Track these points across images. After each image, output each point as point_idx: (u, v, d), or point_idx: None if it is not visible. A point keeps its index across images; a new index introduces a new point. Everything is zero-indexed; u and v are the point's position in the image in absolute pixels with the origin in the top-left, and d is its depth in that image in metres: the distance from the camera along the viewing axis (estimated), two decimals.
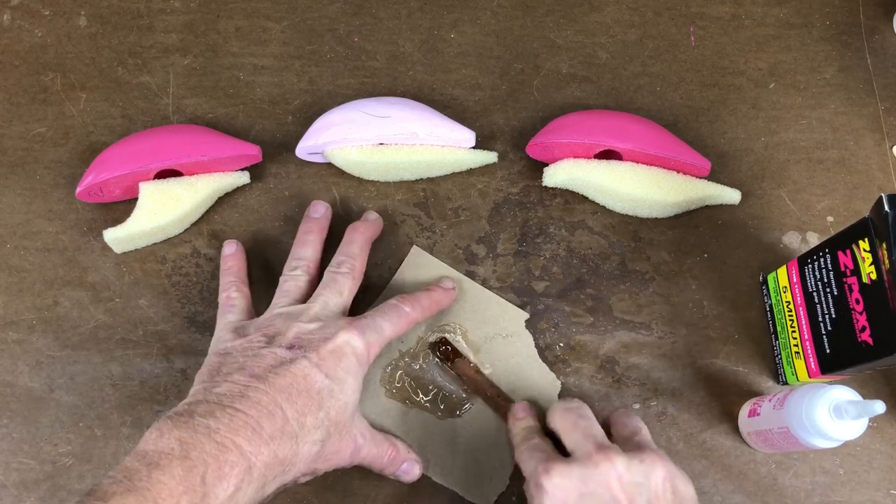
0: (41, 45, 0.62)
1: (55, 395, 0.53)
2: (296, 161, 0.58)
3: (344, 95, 0.61)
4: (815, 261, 0.48)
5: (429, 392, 0.52)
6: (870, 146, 0.60)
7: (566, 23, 0.64)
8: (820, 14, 0.65)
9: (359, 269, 0.52)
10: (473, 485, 0.51)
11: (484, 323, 0.54)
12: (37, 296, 0.55)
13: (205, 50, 0.62)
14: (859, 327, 0.44)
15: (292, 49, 0.62)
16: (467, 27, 0.64)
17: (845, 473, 0.52)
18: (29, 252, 0.56)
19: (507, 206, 0.58)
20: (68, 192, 0.57)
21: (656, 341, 0.55)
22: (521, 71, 0.62)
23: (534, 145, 0.57)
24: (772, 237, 0.58)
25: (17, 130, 0.59)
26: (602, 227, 0.58)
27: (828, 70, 0.63)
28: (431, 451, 0.51)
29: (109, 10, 0.63)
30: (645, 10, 0.64)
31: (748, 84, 0.62)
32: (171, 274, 0.56)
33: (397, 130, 0.55)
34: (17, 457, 0.51)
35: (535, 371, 0.53)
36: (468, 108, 0.61)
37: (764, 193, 0.59)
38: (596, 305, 0.56)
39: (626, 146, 0.55)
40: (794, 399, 0.46)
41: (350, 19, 0.64)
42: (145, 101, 0.61)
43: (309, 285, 0.52)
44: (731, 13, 0.64)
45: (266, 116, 0.60)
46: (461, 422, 0.52)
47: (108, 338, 0.54)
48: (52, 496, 0.51)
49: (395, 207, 0.58)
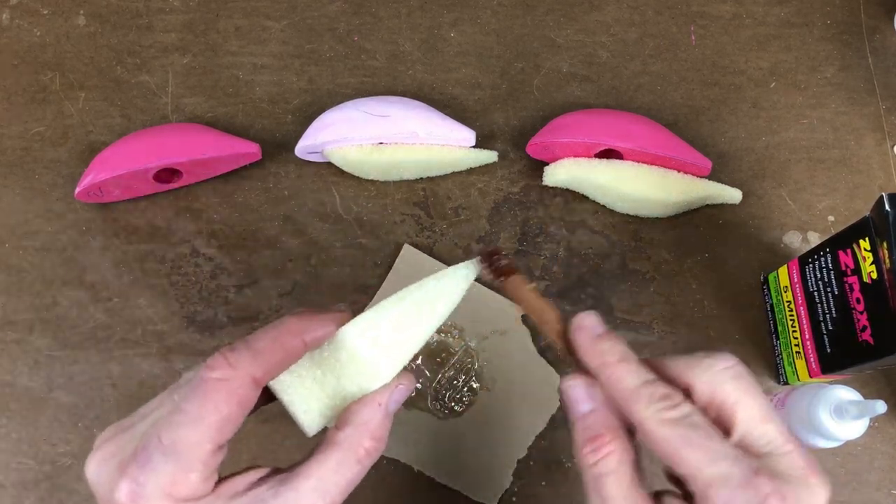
0: (40, 44, 0.62)
1: (54, 395, 0.53)
2: (295, 160, 0.58)
3: (343, 94, 0.61)
4: (816, 260, 0.48)
5: (428, 392, 0.52)
6: (870, 146, 0.60)
7: (566, 22, 0.64)
8: (821, 13, 0.64)
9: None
10: (477, 484, 0.51)
11: (480, 320, 0.54)
12: (35, 295, 0.55)
13: (204, 49, 0.62)
14: (860, 327, 0.44)
15: (292, 48, 0.62)
16: (467, 26, 0.63)
17: (846, 473, 0.52)
18: (28, 252, 0.56)
19: (508, 206, 0.58)
20: (67, 191, 0.57)
21: (657, 341, 0.55)
22: (522, 70, 0.62)
23: (534, 144, 0.57)
24: (772, 237, 0.57)
25: (16, 130, 0.59)
26: (602, 226, 0.57)
27: (829, 69, 0.62)
28: (433, 452, 0.51)
29: (108, 10, 0.63)
30: (645, 8, 0.64)
31: (749, 83, 0.62)
32: (171, 274, 0.56)
33: (397, 129, 0.55)
34: (15, 457, 0.51)
35: (533, 366, 0.53)
36: (468, 108, 0.61)
37: (765, 193, 0.59)
38: (596, 305, 0.55)
39: (627, 145, 0.55)
40: (795, 399, 0.45)
41: (350, 18, 0.63)
42: (144, 101, 0.60)
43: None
44: (731, 12, 0.64)
45: (265, 116, 0.60)
46: (462, 421, 0.52)
47: (107, 338, 0.54)
48: (51, 496, 0.50)
49: (395, 207, 0.58)
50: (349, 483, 0.31)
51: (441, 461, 0.51)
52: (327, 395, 0.33)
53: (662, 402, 0.29)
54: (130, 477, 0.28)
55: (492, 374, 0.53)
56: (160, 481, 0.28)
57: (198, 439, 0.29)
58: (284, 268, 0.56)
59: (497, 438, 0.51)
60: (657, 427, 0.29)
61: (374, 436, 0.32)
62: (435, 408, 0.52)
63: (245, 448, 0.51)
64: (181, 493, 0.28)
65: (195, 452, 0.28)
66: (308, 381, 0.33)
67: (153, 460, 0.28)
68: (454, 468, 0.51)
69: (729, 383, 0.29)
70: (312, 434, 0.33)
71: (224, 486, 0.30)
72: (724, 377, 0.30)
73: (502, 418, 0.52)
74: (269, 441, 0.51)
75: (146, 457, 0.28)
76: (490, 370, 0.53)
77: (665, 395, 0.29)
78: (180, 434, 0.28)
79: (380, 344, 0.33)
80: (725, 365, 0.30)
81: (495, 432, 0.52)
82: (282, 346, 0.31)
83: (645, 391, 0.29)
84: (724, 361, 0.30)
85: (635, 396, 0.29)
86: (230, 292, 0.55)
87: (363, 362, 0.32)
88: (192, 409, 0.29)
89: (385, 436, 0.32)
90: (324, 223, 0.57)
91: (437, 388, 0.52)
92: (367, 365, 0.33)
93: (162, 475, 0.28)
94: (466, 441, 0.51)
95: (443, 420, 0.52)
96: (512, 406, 0.52)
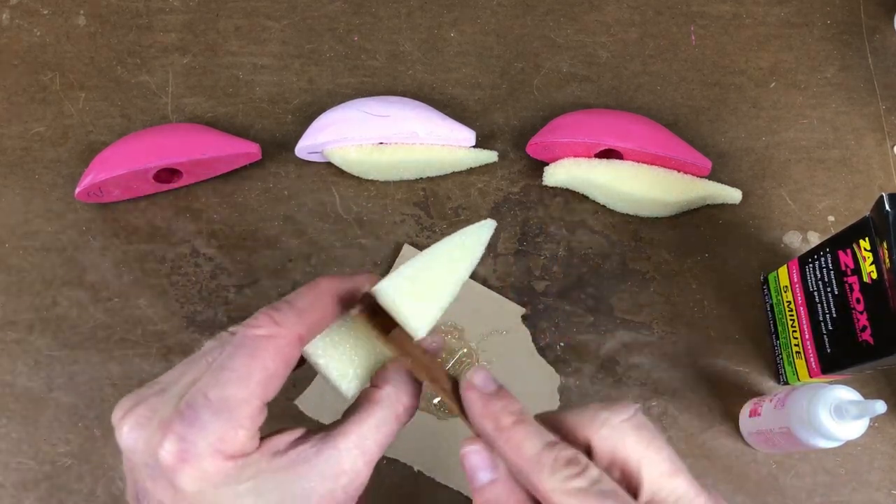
0: (40, 44, 0.62)
1: (54, 395, 0.53)
2: (295, 160, 0.58)
3: (343, 94, 0.61)
4: (816, 260, 0.48)
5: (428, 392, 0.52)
6: (871, 146, 0.60)
7: (566, 22, 0.64)
8: (821, 13, 0.64)
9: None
10: None
11: (480, 320, 0.54)
12: (36, 295, 0.55)
13: (204, 49, 0.62)
14: (860, 327, 0.44)
15: (292, 48, 0.62)
16: (467, 26, 0.63)
17: (846, 473, 0.52)
18: (28, 252, 0.56)
19: (508, 206, 0.58)
20: (67, 191, 0.57)
21: (657, 341, 0.55)
22: (522, 70, 0.62)
23: (534, 144, 0.57)
24: (772, 237, 0.57)
25: (16, 130, 0.59)
26: (602, 226, 0.57)
27: (829, 69, 0.62)
28: (433, 452, 0.51)
29: (108, 10, 0.63)
30: (645, 8, 0.64)
31: (749, 83, 0.62)
32: (170, 274, 0.56)
33: (397, 129, 0.55)
34: (15, 457, 0.51)
35: (533, 366, 0.53)
36: (468, 108, 0.61)
37: (765, 193, 0.59)
38: (596, 305, 0.55)
39: (627, 145, 0.55)
40: (795, 399, 0.45)
41: (350, 18, 0.63)
42: (144, 101, 0.60)
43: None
44: (731, 12, 0.64)
45: (265, 116, 0.60)
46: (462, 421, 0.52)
47: (106, 337, 0.54)
48: (51, 496, 0.50)
49: (395, 207, 0.58)
50: (388, 440, 0.31)
51: (441, 461, 0.51)
52: (362, 358, 0.33)
53: (567, 468, 0.27)
54: (178, 435, 0.27)
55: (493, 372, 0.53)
56: (210, 438, 0.27)
57: (246, 396, 0.28)
58: (284, 268, 0.56)
59: None
60: (564, 499, 0.26)
61: (412, 393, 0.32)
62: (435, 408, 0.52)
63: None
64: (231, 450, 0.28)
65: (244, 409, 0.28)
66: (342, 345, 0.33)
67: (202, 418, 0.27)
68: (454, 468, 0.51)
69: (630, 436, 0.28)
70: (351, 397, 0.33)
71: (267, 444, 0.29)
72: (624, 430, 0.28)
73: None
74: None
75: (193, 414, 0.27)
76: (490, 370, 0.53)
77: (569, 459, 0.27)
78: (229, 391, 0.28)
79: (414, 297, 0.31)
80: (623, 416, 0.28)
81: None
82: (322, 305, 0.31)
83: (547, 458, 0.27)
84: (621, 413, 0.28)
85: (537, 465, 0.27)
86: (230, 292, 0.55)
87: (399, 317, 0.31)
88: (240, 366, 0.29)
89: (420, 393, 0.33)
90: (324, 223, 0.57)
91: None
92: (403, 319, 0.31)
93: (211, 433, 0.27)
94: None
95: (443, 420, 0.52)
96: None
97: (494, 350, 0.54)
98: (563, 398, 0.53)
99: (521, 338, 0.54)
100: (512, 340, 0.54)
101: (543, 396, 0.53)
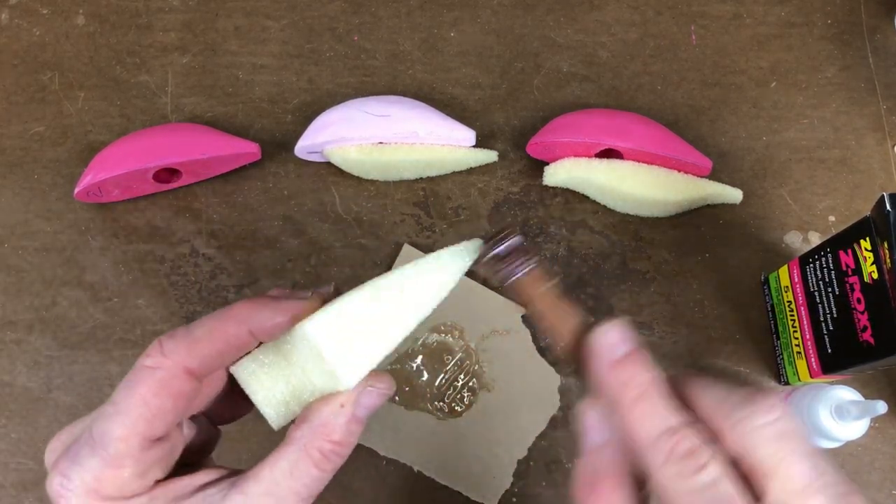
0: (39, 43, 0.62)
1: (53, 396, 0.53)
2: (295, 160, 0.58)
3: (343, 94, 0.61)
4: (817, 260, 0.48)
5: (427, 392, 0.52)
6: (871, 145, 0.60)
7: (567, 21, 0.64)
8: (821, 13, 0.64)
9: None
10: (477, 484, 0.51)
11: (480, 320, 0.54)
12: (35, 295, 0.55)
13: (204, 49, 0.62)
14: (861, 327, 0.44)
15: (291, 48, 0.62)
16: (467, 26, 0.63)
17: (847, 474, 0.52)
18: (27, 252, 0.56)
19: (508, 206, 0.58)
20: (66, 191, 0.57)
21: (657, 341, 0.55)
22: (522, 70, 0.62)
23: (534, 144, 0.57)
24: (773, 237, 0.57)
25: (15, 130, 0.59)
26: (603, 226, 0.57)
27: (829, 69, 0.62)
28: (433, 452, 0.51)
29: (108, 9, 0.63)
30: (646, 8, 0.64)
31: (749, 83, 0.62)
32: (170, 274, 0.56)
33: (397, 129, 0.55)
34: (15, 457, 0.51)
35: (533, 366, 0.53)
36: (468, 107, 0.61)
37: (765, 193, 0.58)
38: (597, 305, 0.55)
39: (627, 145, 0.55)
40: (796, 399, 0.45)
41: (349, 18, 0.63)
42: (144, 101, 0.60)
43: None
44: (732, 12, 0.64)
45: (265, 115, 0.60)
46: (462, 421, 0.52)
47: (106, 338, 0.54)
48: None
49: (395, 206, 0.58)
50: (308, 489, 0.27)
51: (441, 461, 0.51)
52: (293, 387, 0.30)
53: (683, 462, 0.24)
54: (59, 470, 0.26)
55: (492, 374, 0.53)
56: (85, 477, 0.26)
57: (123, 433, 0.26)
58: (284, 268, 0.56)
59: (497, 439, 0.51)
60: (674, 492, 0.24)
61: (332, 439, 0.28)
62: (435, 408, 0.52)
63: (245, 448, 0.51)
64: (107, 491, 0.26)
65: (121, 447, 0.26)
66: (272, 369, 0.29)
67: (81, 454, 0.26)
68: (454, 468, 0.51)
69: (767, 446, 0.24)
70: (278, 428, 0.30)
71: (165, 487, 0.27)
72: (763, 437, 0.24)
73: (502, 419, 0.52)
74: (269, 441, 0.51)
75: (76, 450, 0.26)
76: (490, 370, 0.53)
77: (689, 451, 0.24)
78: (106, 427, 0.26)
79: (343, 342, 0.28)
80: (765, 420, 0.24)
81: (495, 433, 0.52)
82: (223, 336, 0.28)
83: (665, 444, 0.24)
84: (765, 414, 0.24)
85: (653, 448, 0.24)
86: (230, 292, 0.55)
87: (324, 361, 0.28)
88: (121, 399, 0.26)
89: (350, 441, 0.29)
90: (324, 223, 0.57)
91: (437, 389, 0.52)
92: (327, 364, 0.28)
93: (86, 470, 0.26)
94: (466, 441, 0.51)
95: (443, 420, 0.52)
96: (512, 406, 0.52)
97: (494, 350, 0.54)
98: (564, 398, 0.53)
99: (521, 338, 0.54)
100: (512, 340, 0.54)
101: (543, 396, 0.52)
